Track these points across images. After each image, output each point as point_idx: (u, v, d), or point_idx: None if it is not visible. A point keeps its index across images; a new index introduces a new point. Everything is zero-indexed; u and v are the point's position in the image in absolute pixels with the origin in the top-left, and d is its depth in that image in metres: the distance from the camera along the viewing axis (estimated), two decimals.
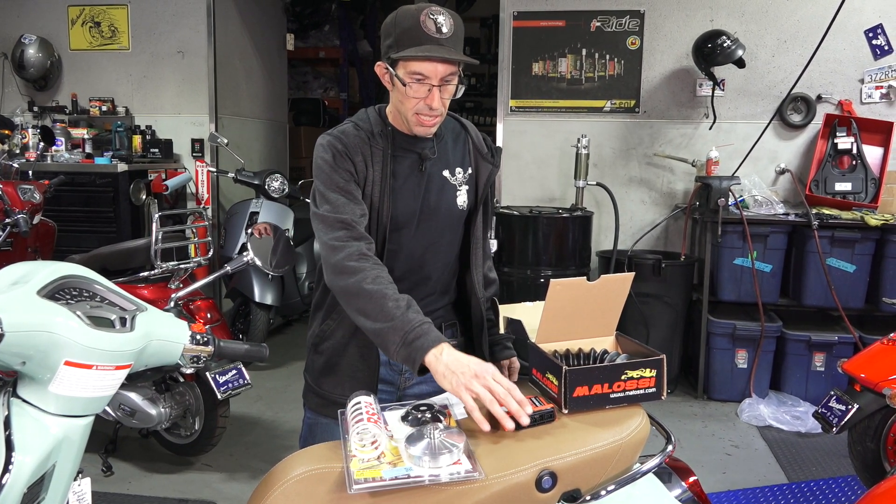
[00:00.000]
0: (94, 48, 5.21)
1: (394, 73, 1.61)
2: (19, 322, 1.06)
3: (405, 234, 1.73)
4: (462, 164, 1.80)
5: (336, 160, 1.67)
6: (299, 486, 1.24)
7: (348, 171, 1.67)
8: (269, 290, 4.37)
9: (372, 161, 1.69)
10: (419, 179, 1.73)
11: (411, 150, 1.73)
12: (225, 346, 1.40)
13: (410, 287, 1.71)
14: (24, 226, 3.44)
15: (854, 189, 4.15)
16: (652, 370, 1.44)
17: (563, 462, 1.29)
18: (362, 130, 1.71)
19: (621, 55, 4.57)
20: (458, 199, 1.78)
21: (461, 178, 1.79)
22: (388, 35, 1.61)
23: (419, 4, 1.63)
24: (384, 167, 1.69)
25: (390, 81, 1.65)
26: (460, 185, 1.79)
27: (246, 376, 2.96)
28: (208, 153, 5.11)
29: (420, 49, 1.55)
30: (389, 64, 1.62)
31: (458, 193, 1.78)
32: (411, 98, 1.61)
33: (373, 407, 1.32)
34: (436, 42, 1.56)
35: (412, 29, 1.56)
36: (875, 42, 4.28)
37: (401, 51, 1.57)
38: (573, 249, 4.04)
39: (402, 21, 1.58)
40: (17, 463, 1.07)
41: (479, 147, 1.84)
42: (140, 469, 3.12)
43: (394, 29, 1.60)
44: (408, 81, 1.59)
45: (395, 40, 1.59)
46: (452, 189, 1.77)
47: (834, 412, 2.66)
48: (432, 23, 1.56)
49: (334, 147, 1.69)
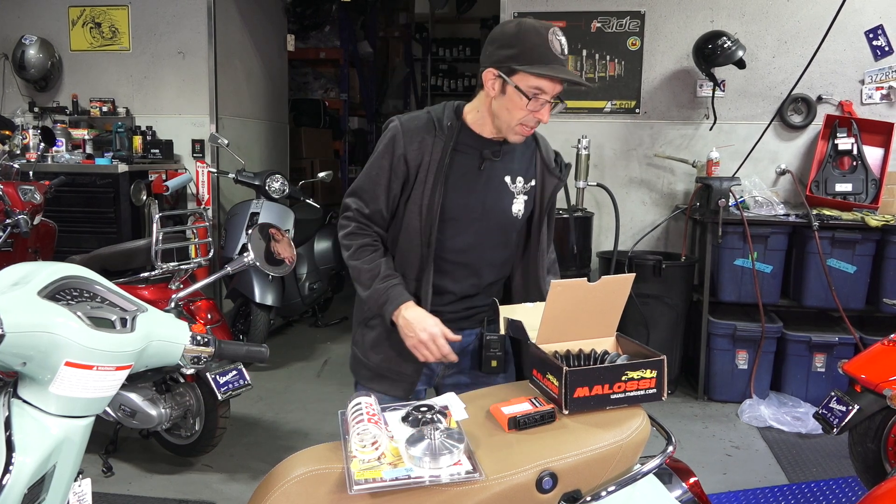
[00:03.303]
0: (94, 49, 5.21)
1: (511, 82, 1.68)
2: (20, 322, 1.06)
3: (454, 226, 1.81)
4: (526, 173, 1.87)
5: (385, 151, 1.78)
6: (300, 487, 1.24)
7: (391, 164, 1.77)
8: (270, 290, 4.37)
9: (432, 149, 1.77)
10: (477, 177, 1.81)
11: (475, 149, 1.80)
12: (225, 347, 1.40)
13: (455, 280, 1.84)
14: (25, 226, 3.44)
15: (854, 190, 4.15)
16: (652, 371, 1.44)
17: (563, 463, 1.29)
18: (433, 119, 1.80)
19: (622, 56, 4.57)
20: (513, 205, 1.85)
21: (521, 187, 1.86)
22: (508, 46, 1.68)
23: (541, 22, 1.71)
24: (443, 157, 1.76)
25: (499, 89, 1.71)
26: (519, 194, 1.86)
27: (246, 377, 2.96)
28: (209, 154, 5.11)
29: (549, 68, 1.64)
30: (505, 73, 1.68)
31: (515, 201, 1.85)
32: (523, 109, 1.69)
33: (373, 407, 1.32)
34: (560, 62, 1.66)
35: (540, 47, 1.65)
36: (875, 43, 4.28)
37: (526, 65, 1.65)
38: (574, 250, 4.04)
39: (528, 36, 1.66)
40: (17, 463, 1.07)
41: (548, 160, 1.90)
42: (140, 470, 3.12)
43: (517, 42, 1.67)
44: (529, 96, 1.67)
45: (519, 53, 1.66)
46: (510, 195, 1.84)
47: (834, 413, 2.65)
48: (558, 43, 1.66)
49: (394, 135, 1.79)
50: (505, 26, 1.71)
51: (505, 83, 1.69)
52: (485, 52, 1.74)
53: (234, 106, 5.40)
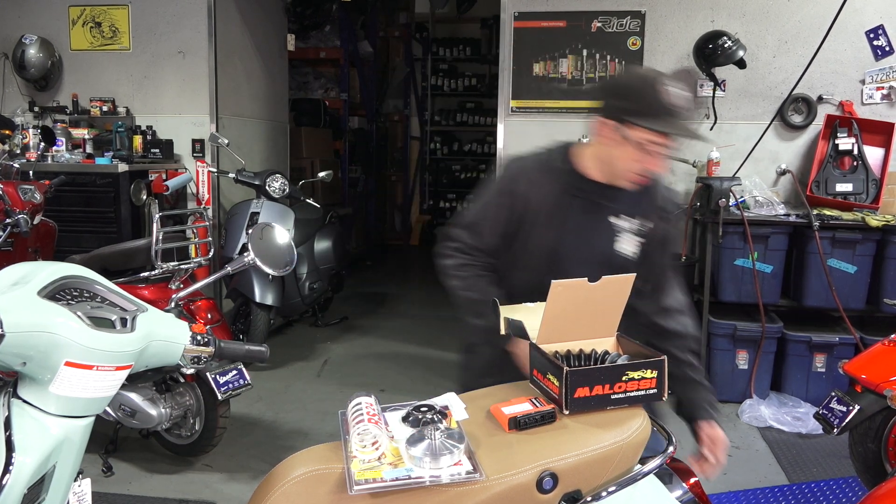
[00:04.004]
0: (94, 48, 5.21)
1: (624, 134, 1.69)
2: (20, 322, 1.06)
3: (561, 264, 1.84)
4: (638, 212, 1.87)
5: (504, 189, 1.85)
6: (300, 487, 1.24)
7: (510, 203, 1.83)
8: (270, 290, 4.36)
9: (547, 191, 1.82)
10: (586, 219, 1.84)
11: (585, 192, 1.83)
12: (225, 347, 1.40)
13: None
14: (25, 226, 3.44)
15: (855, 190, 4.15)
16: (653, 371, 1.44)
17: (564, 463, 1.28)
18: (548, 161, 1.85)
19: (622, 56, 4.57)
20: (617, 243, 1.87)
21: (629, 226, 1.87)
22: (626, 98, 1.68)
23: (659, 74, 1.70)
24: (558, 200, 1.82)
25: (612, 139, 1.73)
26: (626, 233, 1.87)
27: (246, 377, 2.96)
28: (209, 153, 5.11)
29: (662, 123, 1.64)
30: (619, 124, 1.69)
31: (620, 238, 1.87)
32: (634, 160, 1.71)
33: (373, 407, 1.32)
34: (675, 116, 1.66)
35: (655, 100, 1.65)
36: (876, 43, 4.27)
37: (639, 118, 1.65)
38: None
39: (647, 91, 1.66)
40: (17, 463, 1.07)
41: (664, 203, 1.92)
42: (140, 469, 3.12)
43: (632, 94, 1.67)
44: (643, 147, 1.68)
45: (637, 107, 1.66)
46: (617, 235, 1.86)
47: (835, 413, 2.65)
48: (677, 99, 1.65)
49: (515, 175, 1.86)
50: (623, 77, 1.75)
51: (618, 133, 1.70)
52: (600, 101, 1.76)
53: (235, 105, 5.40)
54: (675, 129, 1.66)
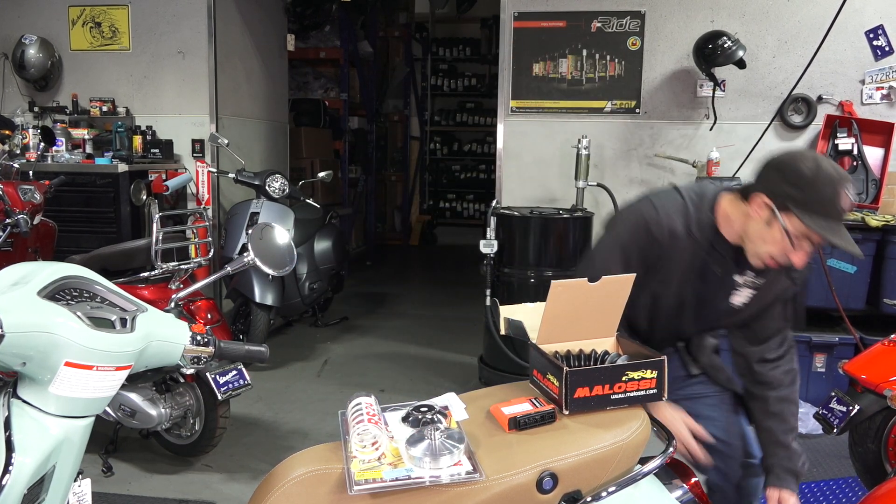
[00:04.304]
0: (94, 48, 5.21)
1: (780, 220, 1.62)
2: (20, 323, 1.06)
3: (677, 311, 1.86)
4: (761, 271, 1.84)
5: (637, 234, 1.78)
6: (300, 487, 1.24)
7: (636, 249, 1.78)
8: (270, 290, 4.36)
9: (680, 244, 1.77)
10: (714, 276, 1.82)
11: (719, 252, 1.79)
12: (225, 347, 1.40)
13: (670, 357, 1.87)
14: (25, 226, 3.44)
15: (855, 190, 4.14)
16: (653, 371, 1.44)
17: (563, 463, 1.28)
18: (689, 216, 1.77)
19: (622, 56, 4.57)
20: (733, 297, 1.86)
21: (748, 280, 1.85)
22: (797, 186, 1.60)
23: (839, 172, 1.62)
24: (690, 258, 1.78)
25: (765, 218, 1.66)
26: (744, 287, 1.85)
27: (246, 377, 2.96)
28: (209, 154, 5.11)
29: (827, 227, 1.57)
30: (778, 208, 1.63)
31: (737, 292, 1.85)
32: (780, 248, 1.66)
33: (373, 408, 1.32)
34: (840, 220, 1.60)
35: (829, 201, 1.58)
36: (876, 43, 4.27)
37: (804, 213, 1.58)
38: (574, 250, 4.04)
39: (822, 185, 1.58)
40: (17, 464, 1.07)
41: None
42: (140, 469, 3.12)
43: (807, 185, 1.59)
44: (793, 239, 1.62)
45: (805, 199, 1.59)
46: (735, 288, 1.84)
47: (835, 413, 2.65)
48: (847, 201, 1.59)
49: (652, 224, 1.77)
50: (800, 162, 1.62)
51: (773, 216, 1.63)
52: (765, 175, 1.68)
53: (234, 106, 5.40)
54: (838, 238, 1.58)
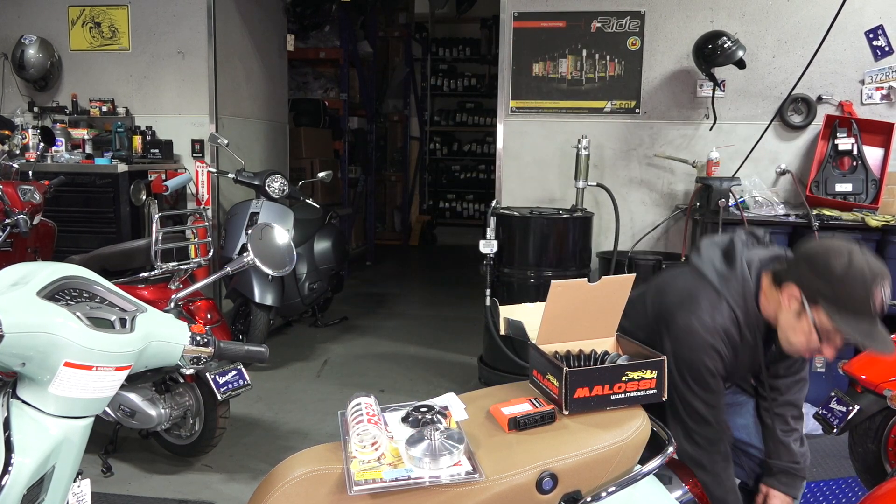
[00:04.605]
0: (94, 49, 5.21)
1: (809, 313, 1.61)
2: (19, 323, 1.05)
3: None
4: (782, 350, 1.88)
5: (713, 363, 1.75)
6: (299, 488, 1.23)
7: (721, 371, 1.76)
8: (270, 290, 4.36)
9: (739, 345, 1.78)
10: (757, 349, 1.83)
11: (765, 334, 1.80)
12: (225, 348, 1.40)
13: None
14: (24, 226, 3.44)
15: (854, 190, 4.15)
16: (653, 371, 1.44)
17: (563, 463, 1.28)
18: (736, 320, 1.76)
19: (622, 56, 4.57)
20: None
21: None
22: (827, 281, 1.57)
23: (874, 268, 1.58)
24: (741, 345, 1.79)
25: (795, 310, 1.66)
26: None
27: (246, 377, 2.96)
28: (208, 154, 5.11)
29: (858, 327, 1.54)
30: (809, 301, 1.61)
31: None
32: (808, 340, 1.66)
33: (373, 408, 1.32)
34: (874, 320, 1.56)
35: (861, 300, 1.54)
36: (875, 43, 4.27)
37: (835, 310, 1.56)
38: (573, 250, 4.04)
39: (853, 283, 1.55)
40: (16, 464, 1.07)
41: None
42: (140, 470, 3.12)
43: (839, 283, 1.56)
44: (822, 334, 1.61)
45: (835, 296, 1.56)
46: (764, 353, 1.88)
47: (835, 413, 2.65)
48: (880, 300, 1.55)
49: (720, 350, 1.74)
50: (833, 256, 1.59)
51: (803, 309, 1.62)
52: (796, 265, 1.67)
53: (234, 106, 5.40)
54: (869, 340, 1.55)
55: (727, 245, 1.87)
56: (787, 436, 1.97)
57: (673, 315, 1.76)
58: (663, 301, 1.83)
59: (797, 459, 1.97)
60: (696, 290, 1.78)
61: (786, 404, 2.00)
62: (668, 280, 1.92)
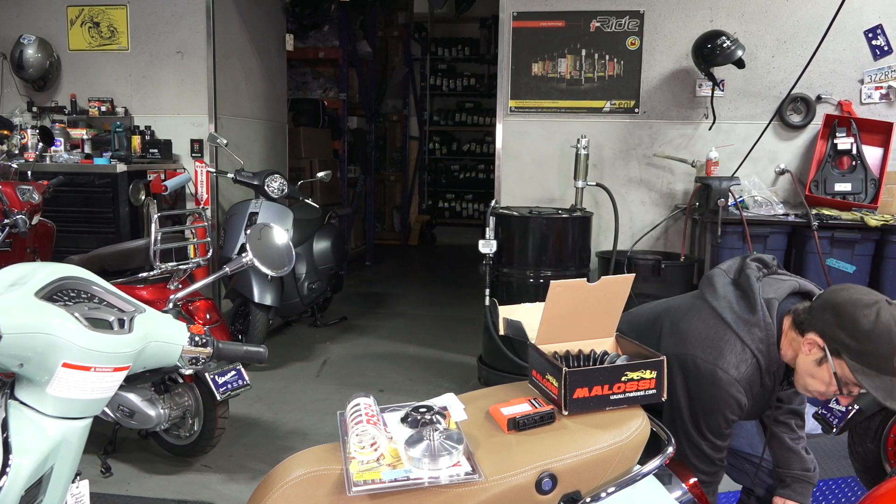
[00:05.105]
0: (93, 48, 5.20)
1: (831, 363, 1.59)
2: (17, 324, 1.05)
3: None
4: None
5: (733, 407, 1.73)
6: (298, 489, 1.23)
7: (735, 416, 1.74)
8: (269, 290, 4.36)
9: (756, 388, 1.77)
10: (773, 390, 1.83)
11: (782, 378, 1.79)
12: (224, 348, 1.40)
13: None
14: (23, 226, 3.44)
15: (854, 189, 4.15)
16: (652, 371, 1.44)
17: (563, 464, 1.28)
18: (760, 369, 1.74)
19: (621, 55, 4.57)
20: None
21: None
22: (852, 336, 1.54)
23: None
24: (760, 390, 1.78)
25: (815, 359, 1.64)
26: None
27: (245, 377, 2.96)
28: (207, 154, 5.10)
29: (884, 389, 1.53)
30: (831, 352, 1.59)
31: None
32: (827, 389, 1.65)
33: (372, 408, 1.32)
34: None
35: (885, 358, 1.52)
36: (875, 42, 4.27)
37: (858, 365, 1.54)
38: (573, 250, 4.04)
39: (879, 340, 1.51)
40: (14, 466, 1.07)
41: None
42: (139, 470, 3.11)
43: (864, 339, 1.53)
44: (843, 385, 1.60)
45: (859, 351, 1.54)
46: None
47: (834, 413, 2.65)
48: None
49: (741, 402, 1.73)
50: (859, 310, 1.54)
51: (825, 358, 1.60)
52: (820, 313, 1.62)
53: (233, 105, 5.40)
54: (891, 400, 1.53)
55: (741, 279, 1.81)
56: (795, 443, 1.98)
57: (695, 362, 1.72)
58: (681, 344, 1.77)
59: (808, 467, 1.97)
60: (718, 338, 1.73)
61: (789, 412, 2.01)
62: (683, 317, 1.84)
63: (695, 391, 1.72)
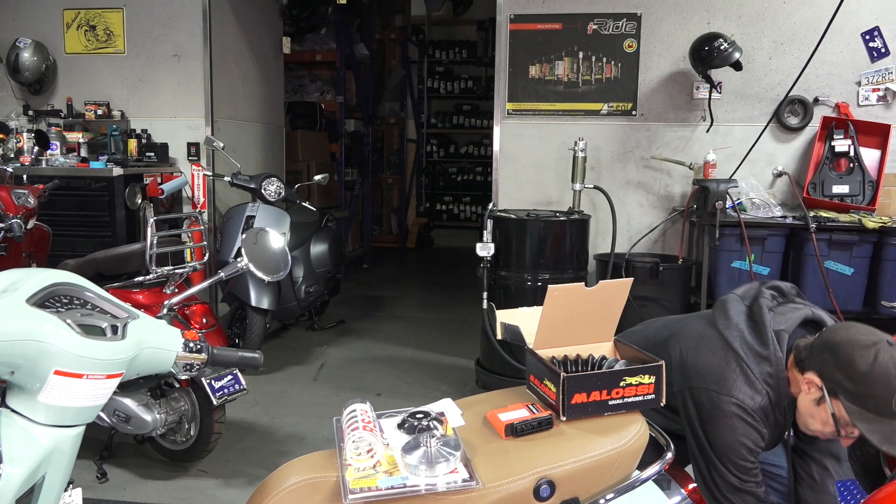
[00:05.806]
0: (89, 52, 5.19)
1: (829, 404, 1.58)
2: (7, 331, 1.04)
3: None
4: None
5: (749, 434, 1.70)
6: (294, 496, 1.22)
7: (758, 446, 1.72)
8: (266, 294, 4.35)
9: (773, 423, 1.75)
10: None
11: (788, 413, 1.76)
12: (218, 354, 1.38)
13: None
14: (19, 231, 3.42)
15: (851, 191, 4.15)
16: (651, 376, 1.43)
17: (561, 470, 1.27)
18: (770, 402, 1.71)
19: (618, 58, 4.57)
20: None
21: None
22: (849, 377, 1.52)
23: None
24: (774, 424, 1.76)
25: (814, 398, 1.63)
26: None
27: (242, 382, 2.94)
28: (204, 157, 5.09)
29: (880, 433, 1.50)
30: (829, 393, 1.57)
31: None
32: (826, 428, 1.63)
33: (368, 415, 1.31)
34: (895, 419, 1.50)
35: (882, 400, 1.49)
36: (872, 45, 4.28)
37: (855, 407, 1.52)
38: (570, 253, 4.03)
39: (876, 382, 1.49)
40: (5, 475, 1.05)
41: None
42: (135, 475, 3.10)
43: (861, 381, 1.50)
44: (842, 426, 1.58)
45: (856, 392, 1.51)
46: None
47: None
48: None
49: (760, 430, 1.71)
50: (857, 351, 1.51)
51: (822, 396, 1.59)
52: (819, 353, 1.60)
53: (230, 109, 5.39)
54: (888, 444, 1.50)
55: (754, 308, 1.79)
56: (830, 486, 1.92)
57: (709, 395, 1.70)
58: (693, 378, 1.75)
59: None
60: (730, 370, 1.71)
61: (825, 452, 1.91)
62: (692, 349, 1.81)
63: (709, 426, 1.70)
